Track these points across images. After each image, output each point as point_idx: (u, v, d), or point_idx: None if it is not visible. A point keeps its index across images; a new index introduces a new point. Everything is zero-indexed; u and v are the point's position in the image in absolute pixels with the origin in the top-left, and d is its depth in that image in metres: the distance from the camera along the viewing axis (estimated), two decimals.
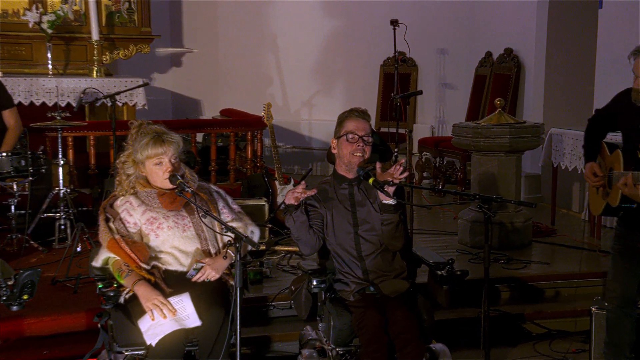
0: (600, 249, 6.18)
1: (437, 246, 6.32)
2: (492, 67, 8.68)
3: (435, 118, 9.62)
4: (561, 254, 6.21)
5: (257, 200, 6.37)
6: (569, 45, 8.10)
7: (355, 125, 3.86)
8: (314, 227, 3.87)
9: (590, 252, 6.19)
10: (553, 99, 8.18)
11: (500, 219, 6.18)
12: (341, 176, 3.94)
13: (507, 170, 6.26)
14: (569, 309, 5.31)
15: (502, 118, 6.25)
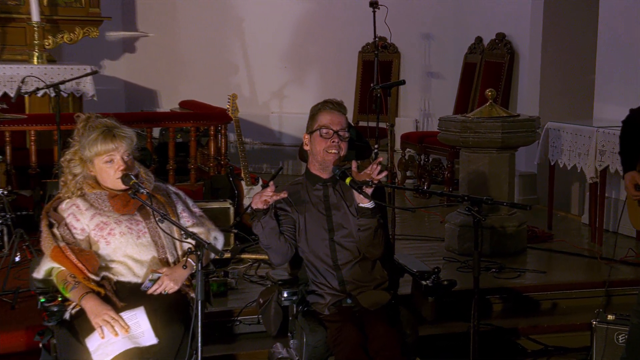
0: (602, 256, 6.24)
1: (422, 253, 6.35)
2: (483, 54, 8.73)
3: (420, 111, 9.66)
4: (559, 262, 6.26)
5: (221, 202, 6.35)
6: (567, 29, 8.17)
7: (330, 118, 3.87)
8: (285, 233, 3.87)
9: (591, 260, 6.24)
10: (550, 90, 8.24)
11: (491, 223, 6.22)
12: (315, 176, 3.95)
13: (499, 168, 6.30)
14: (567, 323, 5.35)
15: (493, 111, 6.29)
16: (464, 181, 6.37)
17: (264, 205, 3.71)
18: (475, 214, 3.55)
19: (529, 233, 6.70)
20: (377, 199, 3.77)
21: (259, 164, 10.06)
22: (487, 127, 6.16)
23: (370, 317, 3.77)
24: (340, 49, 9.92)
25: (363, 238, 3.80)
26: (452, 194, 3.92)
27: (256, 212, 3.74)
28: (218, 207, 6.23)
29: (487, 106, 6.33)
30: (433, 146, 8.42)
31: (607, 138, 6.47)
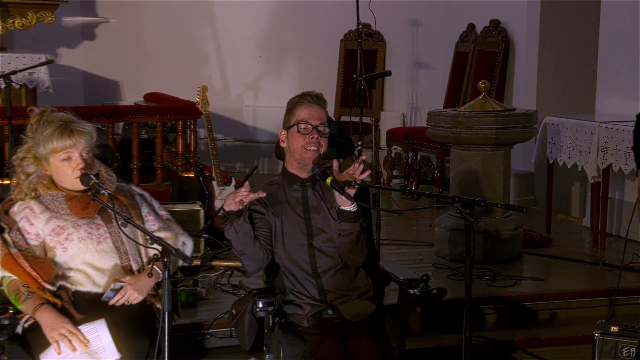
0: (604, 262, 6.28)
1: (410, 260, 6.36)
2: (476, 42, 8.77)
3: (407, 104, 9.68)
4: (558, 269, 6.29)
5: (190, 204, 6.34)
6: (567, 15, 8.21)
7: (308, 112, 3.87)
8: (260, 238, 3.87)
9: (593, 266, 6.28)
10: (548, 81, 8.28)
11: (484, 226, 6.25)
12: (292, 175, 3.95)
13: (493, 167, 6.32)
14: (567, 335, 5.38)
15: (487, 104, 6.31)
16: (455, 181, 6.39)
17: (238, 207, 3.71)
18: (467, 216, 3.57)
19: (526, 237, 6.73)
20: (361, 200, 3.77)
21: (231, 163, 10.05)
22: (480, 122, 6.18)
23: (353, 329, 3.77)
24: (320, 36, 9.92)
25: (344, 244, 3.80)
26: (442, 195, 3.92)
27: (229, 215, 3.73)
28: (187, 210, 6.21)
29: (480, 99, 6.35)
30: (421, 143, 8.44)
31: (610, 134, 6.51)
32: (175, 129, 7.77)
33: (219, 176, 6.71)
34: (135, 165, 7.37)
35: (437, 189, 8.24)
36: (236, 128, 10.13)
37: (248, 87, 10.21)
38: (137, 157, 7.40)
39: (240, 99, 10.25)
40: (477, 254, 6.18)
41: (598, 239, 6.70)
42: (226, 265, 6.06)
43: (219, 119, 9.75)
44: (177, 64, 10.27)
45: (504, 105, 6.52)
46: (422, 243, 6.87)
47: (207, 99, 6.98)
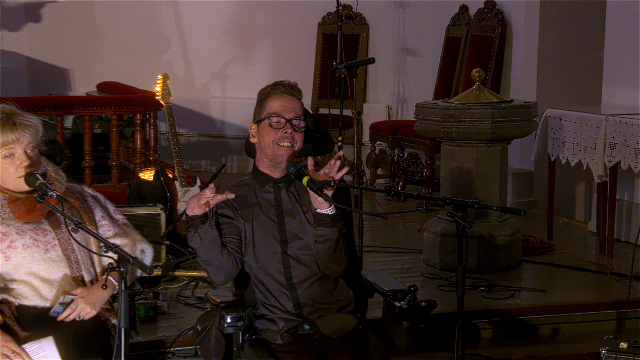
0: (612, 271, 6.32)
1: (396, 269, 6.37)
2: (469, 26, 8.79)
3: (393, 95, 9.70)
4: (561, 278, 6.32)
5: (149, 208, 6.32)
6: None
7: (281, 104, 3.86)
8: (228, 245, 3.86)
9: (600, 275, 6.31)
10: (549, 70, 8.31)
11: (479, 231, 6.27)
12: (264, 175, 3.94)
13: (488, 165, 6.34)
14: (571, 352, 5.40)
15: (481, 95, 6.33)
16: (446, 181, 6.40)
17: (202, 211, 3.70)
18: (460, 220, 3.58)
19: (525, 243, 6.75)
20: (341, 202, 3.78)
21: (196, 161, 10.03)
22: (473, 115, 6.20)
23: (333, 346, 3.77)
24: (295, 19, 9.92)
25: (321, 251, 3.80)
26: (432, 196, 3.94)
27: (192, 220, 3.72)
28: (146, 214, 6.20)
29: (473, 90, 6.37)
30: (409, 138, 8.45)
31: (618, 128, 6.54)
32: (132, 122, 7.75)
33: (182, 176, 6.70)
34: (88, 163, 7.34)
35: (426, 189, 8.26)
36: (201, 122, 10.11)
37: (215, 76, 10.19)
38: (90, 154, 7.37)
39: (206, 89, 10.23)
40: (470, 262, 6.20)
41: (605, 245, 6.73)
42: (190, 275, 6.04)
43: (182, 111, 9.72)
44: (135, 50, 10.24)
45: (501, 97, 6.54)
46: (410, 250, 6.88)
47: (168, 89, 6.96)
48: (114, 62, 10.21)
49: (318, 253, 3.81)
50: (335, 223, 3.76)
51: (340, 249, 3.80)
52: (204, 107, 10.14)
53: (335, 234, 3.77)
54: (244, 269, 3.92)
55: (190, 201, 3.71)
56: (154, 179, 6.75)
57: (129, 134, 8.19)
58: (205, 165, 10.05)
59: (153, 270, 3.50)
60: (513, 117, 6.25)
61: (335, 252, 3.80)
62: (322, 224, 3.76)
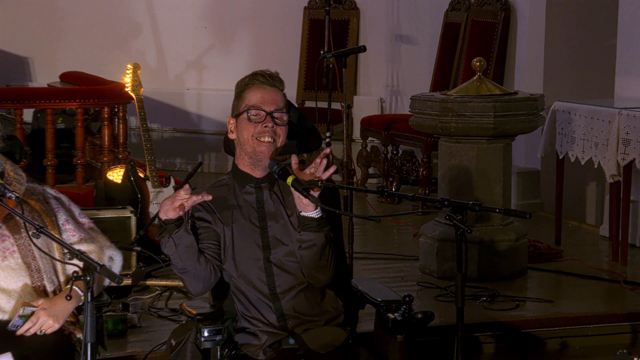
0: (626, 280, 6.33)
1: (389, 277, 6.37)
2: (469, 11, 8.80)
3: (386, 87, 9.70)
4: (570, 287, 6.33)
5: (118, 210, 6.31)
6: None
7: (261, 96, 3.86)
8: (206, 252, 3.86)
9: (613, 284, 6.33)
10: (557, 59, 8.33)
11: (480, 236, 6.28)
12: (244, 174, 3.94)
13: (490, 164, 6.35)
14: None
15: (483, 87, 6.34)
16: (444, 181, 6.41)
17: (177, 215, 3.70)
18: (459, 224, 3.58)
19: (531, 249, 6.77)
20: (329, 204, 3.77)
21: (170, 159, 10.01)
22: (474, 108, 6.21)
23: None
24: (279, 3, 9.92)
25: (305, 258, 3.80)
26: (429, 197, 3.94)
27: (166, 225, 3.72)
28: (114, 217, 6.19)
29: (474, 81, 6.38)
30: (403, 134, 8.46)
31: (632, 122, 6.55)
32: (99, 116, 7.73)
33: (154, 175, 6.69)
34: (50, 162, 7.32)
35: (423, 190, 8.27)
36: (176, 116, 10.09)
37: (190, 66, 10.18)
38: (52, 151, 7.35)
39: (181, 80, 10.22)
40: (470, 269, 6.21)
41: (618, 251, 6.75)
42: (163, 284, 6.04)
43: (155, 104, 9.71)
44: (102, 37, 10.21)
45: (504, 88, 6.55)
46: (404, 257, 6.89)
47: (139, 80, 6.95)
48: (79, 50, 10.19)
49: (302, 260, 3.81)
50: (322, 227, 3.76)
51: (327, 255, 3.80)
52: (178, 99, 10.13)
53: (321, 239, 3.76)
54: (222, 277, 3.92)
55: (163, 203, 3.71)
56: (123, 179, 6.75)
57: (95, 129, 8.17)
58: (179, 163, 10.04)
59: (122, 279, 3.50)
60: (517, 111, 6.26)
61: (320, 260, 3.79)
62: (307, 228, 3.76)
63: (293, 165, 3.75)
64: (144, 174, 6.71)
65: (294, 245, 3.84)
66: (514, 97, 6.33)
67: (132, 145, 8.46)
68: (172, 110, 10.09)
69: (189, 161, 9.94)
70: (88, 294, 3.38)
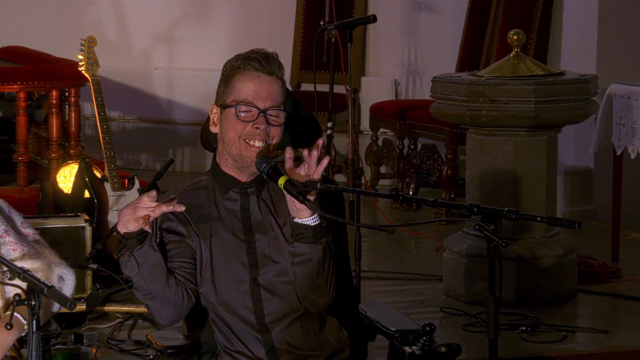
0: None
1: (405, 302, 6.39)
2: None
3: (401, 66, 9.70)
4: (630, 315, 6.34)
5: (70, 219, 6.31)
6: None
7: (254, 88, 3.83)
8: (177, 272, 3.86)
9: None
10: (613, 33, 8.33)
11: (518, 250, 6.29)
12: (227, 177, 3.93)
13: (530, 161, 6.36)
14: None
15: (521, 66, 6.34)
16: (474, 182, 6.42)
17: (140, 227, 3.69)
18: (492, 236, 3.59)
19: (581, 267, 6.77)
20: (330, 210, 3.77)
21: (134, 155, 10.02)
22: (511, 92, 6.22)
23: None
24: None
25: (299, 276, 3.80)
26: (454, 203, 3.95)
27: (126, 239, 3.71)
28: (65, 227, 6.18)
29: (510, 58, 6.38)
30: (423, 125, 8.46)
31: None
32: (44, 102, 7.73)
33: (114, 175, 6.69)
34: None
35: (447, 194, 8.27)
36: (141, 102, 10.10)
37: (159, 40, 10.19)
38: None
39: (147, 57, 10.23)
40: (506, 292, 6.21)
41: None
42: (126, 311, 6.04)
43: (115, 87, 9.72)
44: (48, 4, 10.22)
45: (547, 68, 6.57)
46: (425, 276, 6.90)
47: (95, 57, 6.95)
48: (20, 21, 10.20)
49: (296, 279, 3.81)
50: (319, 238, 3.75)
51: (326, 273, 3.80)
52: (144, 81, 10.14)
53: (317, 253, 3.76)
54: (199, 302, 3.93)
55: (122, 213, 3.69)
56: (75, 180, 6.75)
57: (41, 118, 8.17)
58: (146, 160, 10.05)
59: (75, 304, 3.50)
60: (564, 96, 6.27)
61: (318, 278, 3.79)
62: (301, 238, 3.75)
63: (287, 162, 3.74)
64: (102, 174, 6.71)
65: (287, 263, 3.84)
66: (560, 79, 6.34)
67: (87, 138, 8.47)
68: (137, 94, 10.09)
69: (157, 158, 9.95)
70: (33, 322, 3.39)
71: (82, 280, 6.02)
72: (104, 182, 6.68)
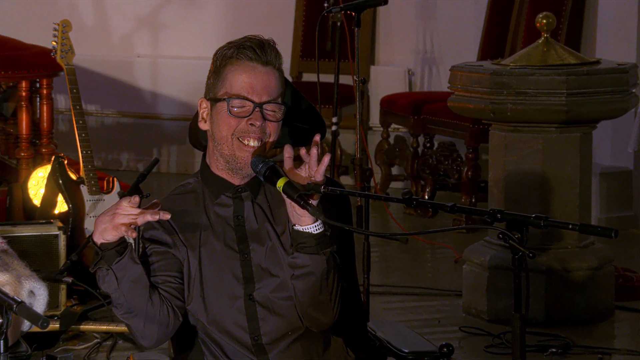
0: None
1: (420, 320, 6.40)
2: None
3: (416, 54, 9.72)
4: None
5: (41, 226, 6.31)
6: None
7: (248, 81, 3.82)
8: (161, 288, 3.87)
9: None
10: None
11: (548, 262, 6.29)
12: (219, 180, 3.93)
13: (562, 161, 6.36)
14: None
15: (551, 53, 6.35)
16: (498, 185, 6.42)
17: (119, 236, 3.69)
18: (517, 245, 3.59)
19: (619, 281, 6.77)
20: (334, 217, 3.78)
21: (114, 154, 10.04)
22: (539, 83, 6.22)
23: None
24: None
25: (299, 291, 3.80)
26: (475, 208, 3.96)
27: (103, 251, 3.71)
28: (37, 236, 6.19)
29: (539, 45, 6.39)
30: (440, 120, 8.47)
31: None
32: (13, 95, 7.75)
33: (91, 177, 6.69)
34: None
35: (467, 198, 8.28)
36: (121, 94, 10.12)
37: (142, 25, 10.21)
38: None
39: (129, 44, 10.24)
40: (535, 309, 6.22)
41: None
42: (104, 330, 6.04)
43: (93, 77, 9.73)
44: None
45: (581, 56, 6.57)
46: (442, 291, 6.91)
47: (70, 44, 6.95)
48: None
49: (296, 294, 3.81)
50: (322, 248, 3.76)
51: (330, 288, 3.80)
52: (125, 71, 10.15)
53: (320, 265, 3.76)
54: (187, 321, 3.93)
55: (98, 220, 3.69)
56: (48, 182, 6.75)
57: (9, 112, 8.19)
58: (127, 160, 10.06)
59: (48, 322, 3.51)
60: (600, 87, 6.28)
61: (320, 294, 3.80)
62: (302, 248, 3.76)
63: (286, 162, 3.75)
64: (77, 176, 6.72)
65: (286, 276, 3.84)
66: (595, 68, 6.34)
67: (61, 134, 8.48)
68: (117, 85, 10.11)
69: (140, 157, 9.96)
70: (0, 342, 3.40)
71: (56, 295, 6.03)
72: (79, 184, 6.68)
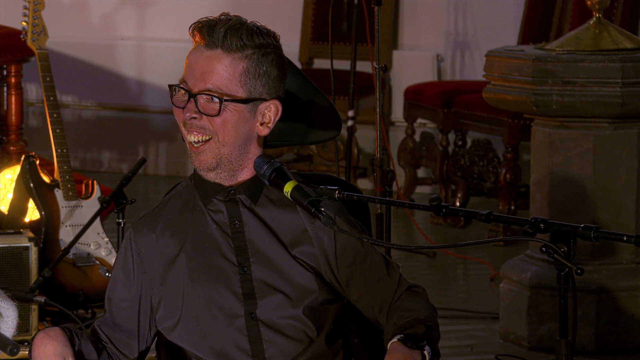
0: None
1: (451, 346, 6.41)
2: None
3: (446, 37, 9.73)
4: None
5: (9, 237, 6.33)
6: None
7: (190, 65, 3.87)
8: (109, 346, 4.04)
9: None
10: None
11: (600, 280, 6.29)
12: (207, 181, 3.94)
13: (616, 162, 6.37)
14: None
15: (604, 37, 6.35)
16: (541, 189, 6.43)
17: None
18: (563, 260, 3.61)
19: None
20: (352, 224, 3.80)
21: (94, 152, 10.06)
22: (590, 71, 6.23)
23: None
24: None
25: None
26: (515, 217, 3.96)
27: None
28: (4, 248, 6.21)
29: (590, 27, 6.39)
30: (474, 114, 8.48)
31: None
32: None
33: (67, 180, 6.71)
34: None
35: (505, 205, 8.29)
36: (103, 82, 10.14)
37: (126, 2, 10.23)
38: None
39: (111, 24, 10.27)
40: (583, 335, 6.23)
41: None
42: None
43: (69, 63, 9.76)
44: None
45: (638, 39, 6.56)
46: (476, 313, 6.93)
47: (43, 24, 6.97)
48: None
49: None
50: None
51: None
52: (107, 56, 10.18)
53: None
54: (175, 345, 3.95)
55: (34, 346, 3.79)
56: (17, 185, 6.77)
57: None
58: (109, 160, 10.09)
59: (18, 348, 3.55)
60: None
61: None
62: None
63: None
64: (51, 179, 6.73)
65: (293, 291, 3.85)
66: None
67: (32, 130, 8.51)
68: (97, 73, 10.14)
69: (124, 157, 9.99)
70: None
71: (27, 316, 6.05)
72: (54, 188, 6.69)
